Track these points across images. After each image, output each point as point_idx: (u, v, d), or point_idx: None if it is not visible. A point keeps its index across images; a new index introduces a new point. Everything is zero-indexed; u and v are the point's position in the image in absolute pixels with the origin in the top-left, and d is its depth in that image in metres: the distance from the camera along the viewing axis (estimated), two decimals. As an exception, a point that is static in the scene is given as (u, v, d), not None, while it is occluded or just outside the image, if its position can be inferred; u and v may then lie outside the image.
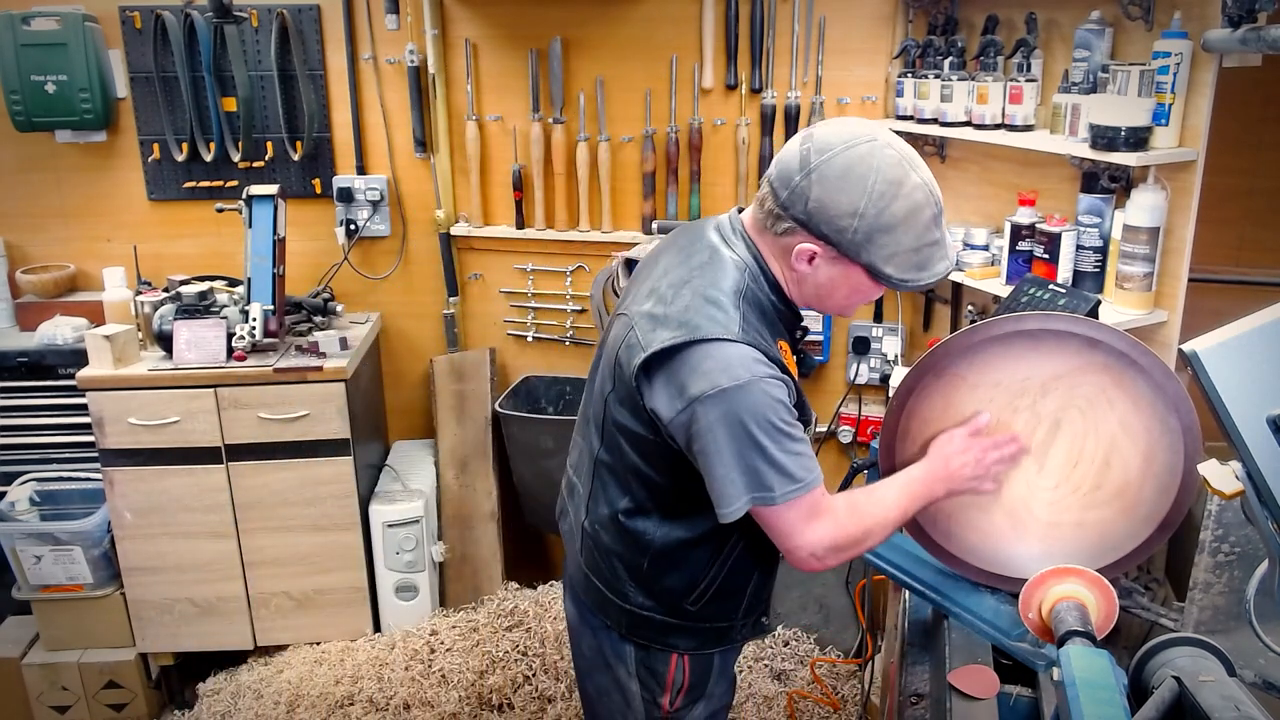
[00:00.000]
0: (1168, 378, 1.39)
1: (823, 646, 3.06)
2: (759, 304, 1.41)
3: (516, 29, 2.86)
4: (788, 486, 1.34)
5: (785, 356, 1.43)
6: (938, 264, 1.36)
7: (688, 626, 1.55)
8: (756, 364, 1.33)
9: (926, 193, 1.32)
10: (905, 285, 1.35)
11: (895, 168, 1.30)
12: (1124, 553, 1.47)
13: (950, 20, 2.51)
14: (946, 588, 1.58)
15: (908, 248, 1.32)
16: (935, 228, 1.34)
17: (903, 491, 1.45)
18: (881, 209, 1.29)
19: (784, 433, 1.34)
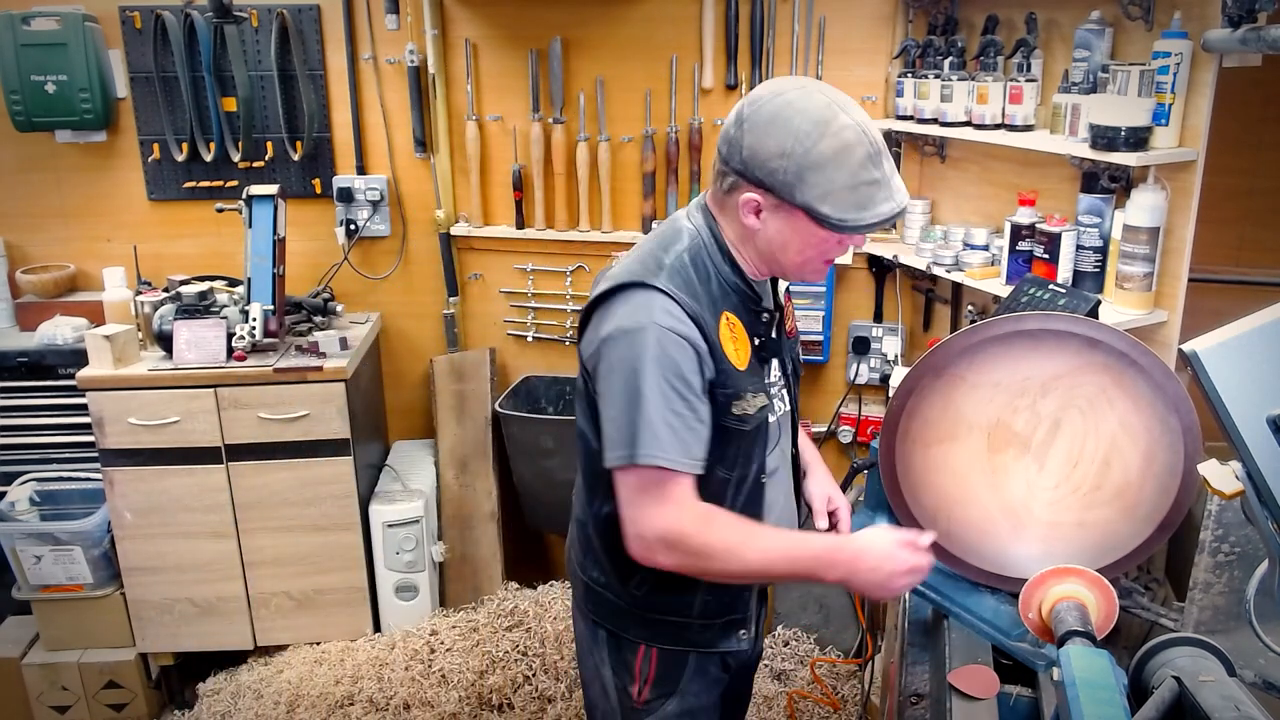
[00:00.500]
0: (1168, 378, 1.39)
1: (823, 646, 3.06)
2: (702, 269, 1.40)
3: (516, 29, 2.86)
4: (649, 449, 1.32)
5: (733, 331, 1.42)
6: (881, 204, 1.31)
7: (638, 614, 1.54)
8: (665, 314, 1.33)
9: (858, 132, 1.30)
10: (847, 225, 1.31)
11: (823, 109, 1.30)
12: (1124, 553, 1.47)
13: (950, 20, 2.51)
14: (946, 588, 1.58)
15: (842, 185, 1.29)
16: (873, 167, 1.30)
17: (782, 550, 1.38)
18: (809, 147, 1.29)
19: (668, 394, 1.33)
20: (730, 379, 1.41)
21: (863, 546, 1.38)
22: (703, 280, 1.40)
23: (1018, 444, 1.49)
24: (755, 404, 1.44)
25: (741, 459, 1.47)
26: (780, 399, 1.54)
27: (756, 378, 1.46)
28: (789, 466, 1.61)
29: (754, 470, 1.49)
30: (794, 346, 1.62)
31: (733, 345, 1.41)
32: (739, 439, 1.45)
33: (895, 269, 2.80)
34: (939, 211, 2.75)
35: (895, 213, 1.33)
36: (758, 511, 1.51)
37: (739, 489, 1.49)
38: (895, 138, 2.74)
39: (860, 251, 2.83)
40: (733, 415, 1.42)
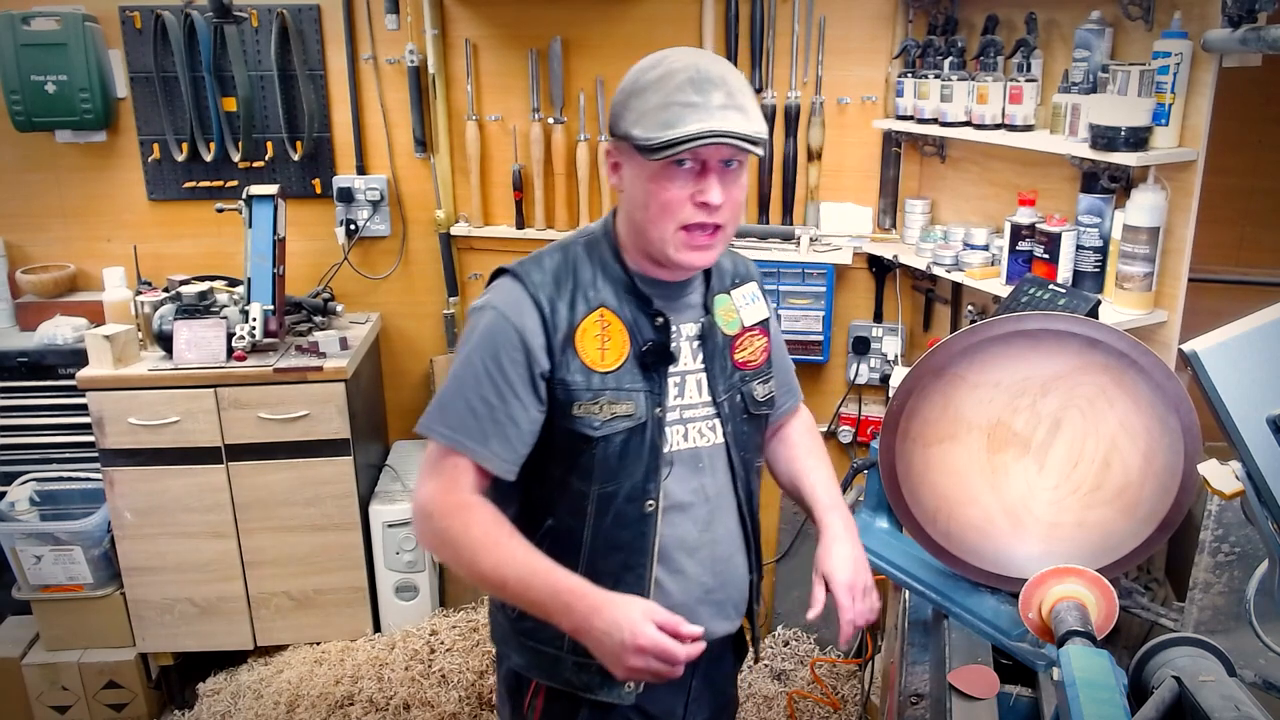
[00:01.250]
0: (1168, 378, 1.39)
1: (823, 646, 3.06)
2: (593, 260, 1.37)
3: (516, 29, 2.86)
4: (433, 420, 1.31)
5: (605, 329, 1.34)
6: (689, 124, 1.21)
7: (515, 638, 1.43)
8: (505, 299, 1.32)
9: (688, 63, 1.25)
10: (649, 144, 1.23)
11: (669, 50, 1.30)
12: (1124, 553, 1.47)
13: (950, 20, 2.51)
14: (946, 588, 1.58)
15: (654, 105, 1.24)
16: (693, 91, 1.23)
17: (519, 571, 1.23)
18: (637, 78, 1.28)
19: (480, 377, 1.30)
20: (578, 377, 1.32)
21: (604, 603, 1.19)
22: (580, 273, 1.36)
23: (1018, 444, 1.49)
24: (612, 410, 1.33)
25: (600, 471, 1.34)
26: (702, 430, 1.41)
27: (629, 385, 1.34)
28: (730, 510, 1.46)
29: (625, 489, 1.35)
30: (748, 381, 1.46)
31: (598, 343, 1.33)
32: (591, 446, 1.33)
33: (895, 269, 2.80)
34: (939, 211, 2.75)
35: (705, 133, 1.21)
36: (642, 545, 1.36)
37: (605, 508, 1.35)
38: (895, 138, 2.74)
39: (860, 251, 2.83)
40: (571, 416, 1.32)
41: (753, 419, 1.48)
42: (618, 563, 1.37)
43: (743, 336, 1.47)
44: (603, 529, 1.36)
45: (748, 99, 1.27)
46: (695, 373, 1.42)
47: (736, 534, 1.48)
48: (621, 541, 1.37)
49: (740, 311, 1.48)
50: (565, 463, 1.35)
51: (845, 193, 2.87)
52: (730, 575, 1.47)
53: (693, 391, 1.41)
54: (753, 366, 1.48)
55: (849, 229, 2.88)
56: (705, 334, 1.42)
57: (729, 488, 1.46)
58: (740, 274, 1.53)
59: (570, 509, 1.36)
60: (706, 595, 1.44)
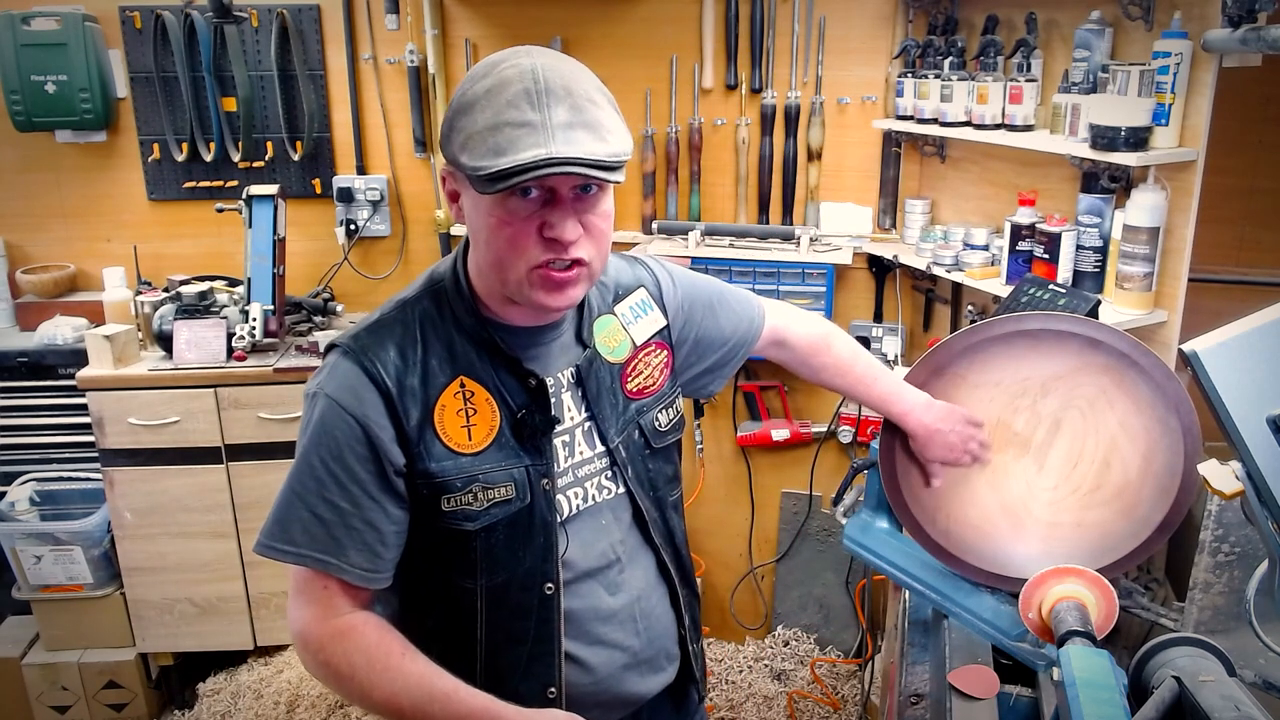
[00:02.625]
0: (1168, 378, 1.39)
1: (823, 646, 3.07)
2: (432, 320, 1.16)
3: (516, 29, 2.86)
4: (271, 537, 1.15)
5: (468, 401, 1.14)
6: (525, 150, 1.00)
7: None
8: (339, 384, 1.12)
9: (522, 71, 1.03)
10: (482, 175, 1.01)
11: (504, 54, 1.07)
12: (1124, 553, 1.47)
13: (950, 20, 2.51)
14: (946, 588, 1.58)
15: (483, 125, 1.02)
16: (528, 107, 1.01)
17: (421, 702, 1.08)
18: (465, 89, 1.06)
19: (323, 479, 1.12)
20: (443, 466, 1.13)
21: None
22: (429, 340, 1.15)
23: (1018, 444, 1.49)
24: (489, 498, 1.15)
25: (485, 565, 1.18)
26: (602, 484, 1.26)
27: (504, 462, 1.16)
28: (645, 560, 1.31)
29: (519, 577, 1.19)
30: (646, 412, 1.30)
31: (460, 420, 1.14)
32: (468, 540, 1.16)
33: (895, 269, 2.80)
34: (939, 211, 2.75)
35: (539, 161, 1.00)
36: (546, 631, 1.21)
37: (497, 601, 1.19)
38: (895, 138, 2.74)
39: (860, 251, 2.83)
40: (444, 512, 1.14)
41: (657, 452, 1.31)
42: (521, 655, 1.22)
43: (635, 359, 1.29)
44: (498, 624, 1.20)
45: (602, 111, 1.07)
46: (582, 424, 1.24)
47: (657, 583, 1.33)
48: (521, 633, 1.21)
49: (629, 330, 1.29)
50: (442, 560, 1.18)
51: (845, 193, 2.87)
52: (657, 628, 1.33)
53: (583, 446, 1.24)
54: (650, 392, 1.30)
55: (849, 229, 2.88)
56: (583, 375, 1.23)
57: (639, 538, 1.30)
58: (624, 285, 1.32)
59: (457, 608, 1.20)
60: (634, 659, 1.30)
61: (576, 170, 1.02)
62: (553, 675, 1.23)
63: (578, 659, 1.25)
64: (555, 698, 1.24)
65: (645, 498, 1.30)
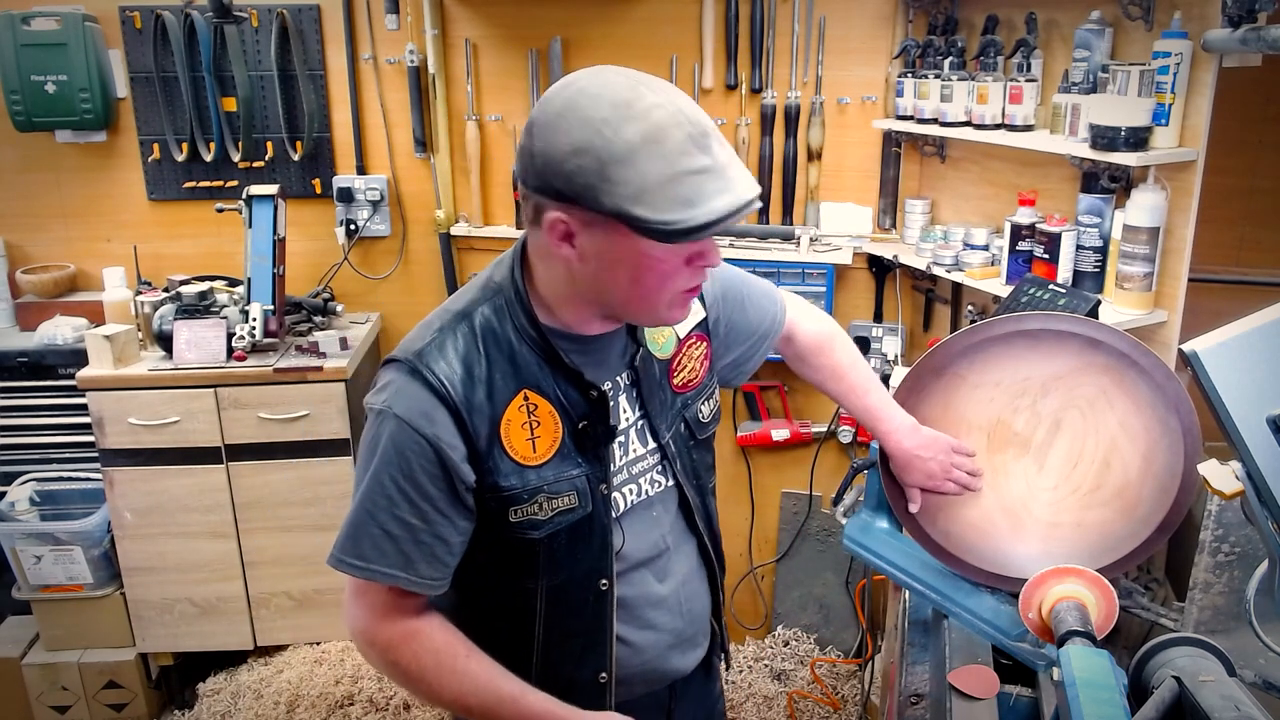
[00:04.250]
0: (1168, 379, 1.39)
1: (823, 646, 3.07)
2: (496, 335, 1.16)
3: (516, 29, 2.86)
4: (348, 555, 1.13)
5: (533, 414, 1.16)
6: (715, 197, 1.00)
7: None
8: (408, 401, 1.11)
9: (672, 111, 1.01)
10: (674, 229, 1.00)
11: (623, 90, 1.02)
12: (1124, 553, 1.47)
13: (950, 20, 2.51)
14: (946, 588, 1.58)
15: (659, 178, 0.99)
16: (698, 151, 1.01)
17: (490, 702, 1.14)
18: (610, 137, 1.00)
19: (394, 497, 1.11)
20: (511, 479, 1.15)
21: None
22: (493, 353, 1.15)
23: (1018, 444, 1.49)
24: (554, 506, 1.18)
25: (546, 567, 1.21)
26: (654, 479, 1.30)
27: (567, 471, 1.19)
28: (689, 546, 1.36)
29: (578, 575, 1.23)
30: (693, 402, 1.33)
31: (526, 434, 1.16)
32: (532, 547, 1.19)
33: (895, 269, 2.80)
34: (939, 211, 2.75)
35: (736, 209, 1.02)
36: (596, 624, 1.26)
37: (556, 599, 1.23)
38: (895, 138, 2.74)
39: (860, 251, 2.83)
40: (509, 524, 1.17)
41: (700, 443, 1.36)
42: (576, 647, 1.26)
43: (680, 354, 1.31)
44: (555, 620, 1.24)
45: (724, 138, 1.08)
46: (636, 423, 1.27)
47: (698, 566, 1.38)
48: (577, 629, 1.25)
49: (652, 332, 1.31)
50: (506, 564, 1.21)
51: (845, 193, 2.87)
52: (697, 609, 1.39)
53: (636, 444, 1.27)
54: (694, 386, 1.33)
55: (849, 229, 2.88)
56: (640, 376, 1.25)
57: (684, 526, 1.35)
58: None
59: (516, 607, 1.24)
60: (678, 639, 1.36)
61: (753, 209, 1.05)
62: (604, 661, 1.28)
63: (628, 642, 1.30)
64: (606, 681, 1.29)
65: (690, 487, 1.33)
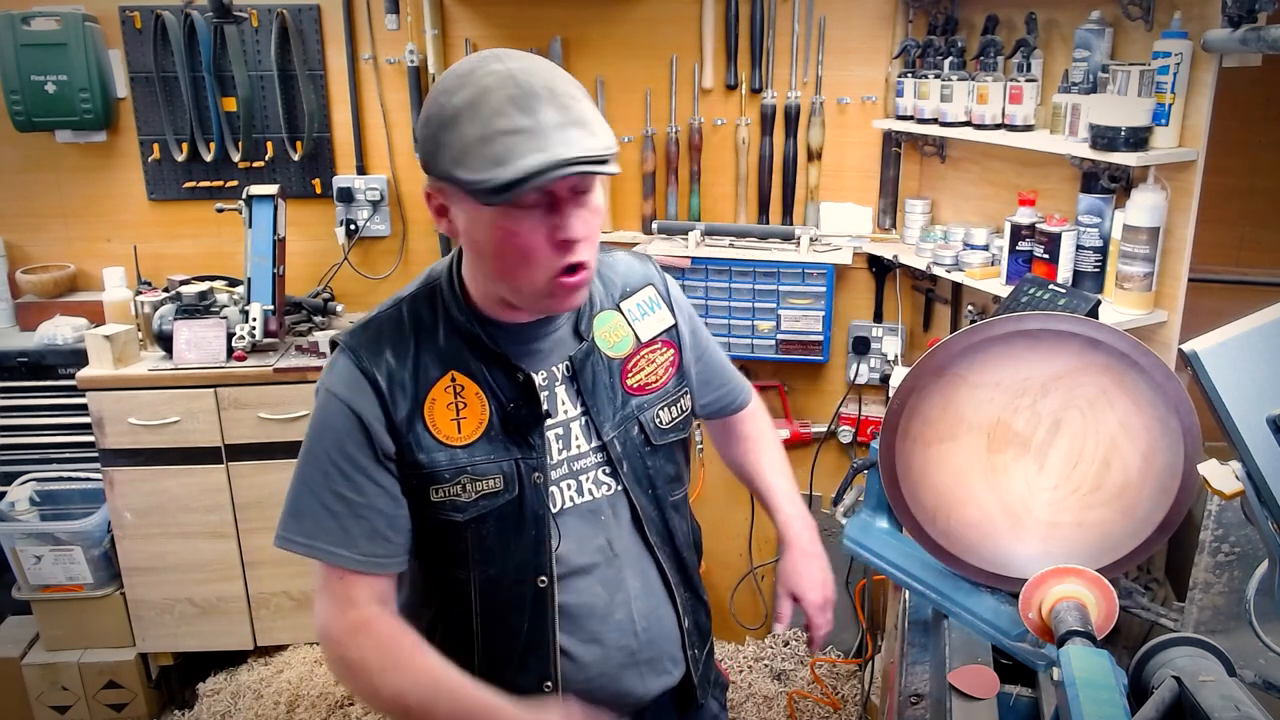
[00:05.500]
0: (1168, 379, 1.39)
1: (823, 646, 3.06)
2: (425, 317, 1.19)
3: (516, 29, 2.86)
4: (288, 530, 1.16)
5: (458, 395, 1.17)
6: (525, 156, 1.00)
7: None
8: (338, 378, 1.16)
9: (503, 77, 1.03)
10: (486, 188, 1.02)
11: (475, 61, 1.06)
12: (1124, 553, 1.47)
13: (950, 20, 2.51)
14: (946, 588, 1.58)
15: (474, 138, 1.02)
16: (517, 113, 1.01)
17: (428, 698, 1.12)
18: (443, 104, 1.05)
19: (329, 472, 1.14)
20: (433, 457, 1.16)
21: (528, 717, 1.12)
22: (421, 330, 1.18)
23: (1018, 444, 1.49)
24: (477, 489, 1.18)
25: (476, 556, 1.20)
26: (598, 480, 1.27)
27: (493, 455, 1.19)
28: (644, 560, 1.31)
29: (511, 569, 1.21)
30: (647, 409, 1.30)
31: (450, 414, 1.17)
32: (459, 531, 1.19)
33: (895, 269, 2.80)
34: (939, 211, 2.75)
35: (548, 165, 1.01)
36: (540, 625, 1.23)
37: (490, 593, 1.22)
38: (895, 138, 2.74)
39: (860, 251, 2.83)
40: (433, 503, 1.18)
41: (658, 449, 1.31)
42: (516, 646, 1.24)
43: (638, 355, 1.30)
44: (493, 616, 1.23)
45: (585, 106, 1.06)
46: (578, 417, 1.25)
47: (657, 584, 1.32)
48: (516, 626, 1.23)
49: (635, 326, 1.31)
50: (436, 551, 1.22)
51: (845, 193, 2.87)
52: (658, 630, 1.32)
53: (580, 440, 1.25)
54: (653, 389, 1.31)
55: (849, 229, 2.88)
56: (578, 369, 1.24)
57: (637, 537, 1.30)
58: (632, 283, 1.34)
59: (453, 599, 1.23)
60: (631, 659, 1.30)
61: (580, 170, 1.03)
62: (548, 669, 1.25)
63: (572, 654, 1.26)
64: (551, 691, 1.25)
65: (643, 495, 1.30)
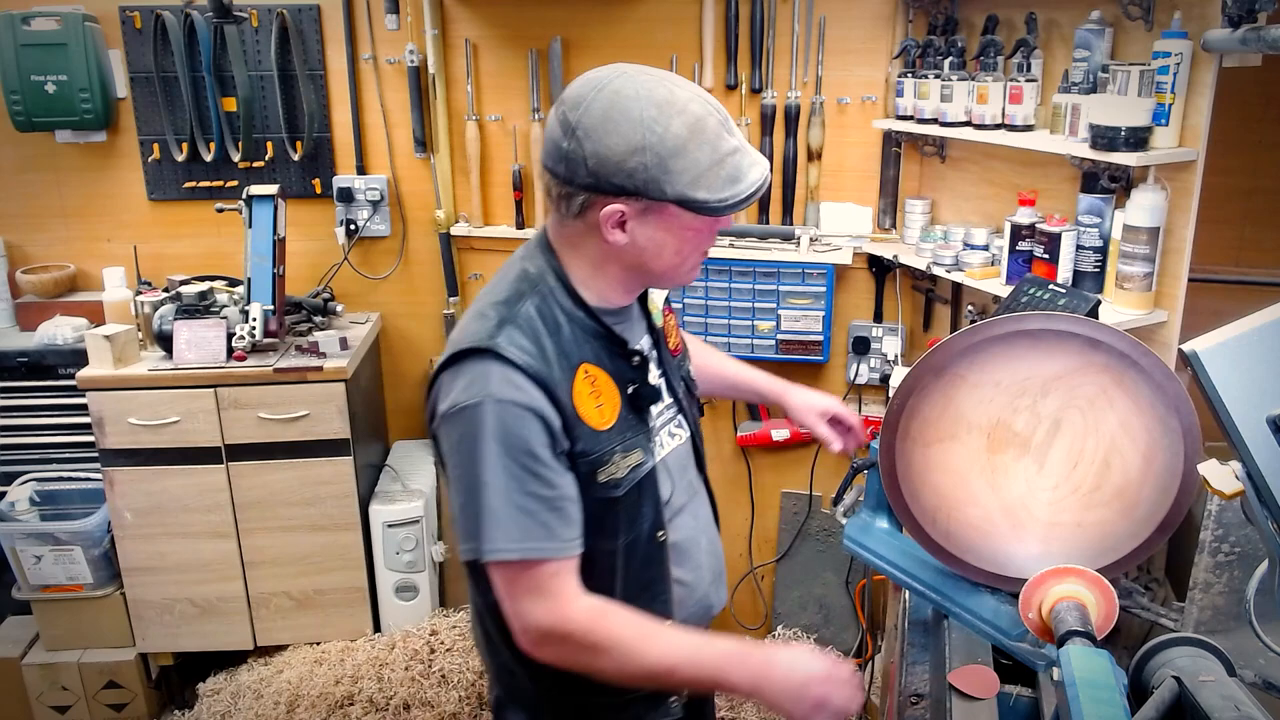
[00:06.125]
0: (1168, 378, 1.39)
1: (823, 646, 3.06)
2: (551, 320, 1.25)
3: (516, 29, 2.86)
4: (496, 543, 1.18)
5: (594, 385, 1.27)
6: (751, 171, 1.20)
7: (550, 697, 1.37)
8: (502, 383, 1.18)
9: (702, 102, 1.19)
10: (725, 205, 1.19)
11: (658, 87, 1.18)
12: (1124, 553, 1.47)
13: (950, 20, 2.51)
14: (946, 588, 1.58)
15: (708, 163, 1.17)
16: (728, 134, 1.19)
17: (687, 649, 1.24)
18: (662, 133, 1.16)
19: (517, 475, 1.18)
20: (592, 444, 1.25)
21: (776, 652, 1.24)
22: (552, 333, 1.25)
23: (1018, 444, 1.49)
24: (627, 464, 1.29)
25: (624, 524, 1.31)
26: (673, 431, 1.42)
27: (629, 432, 1.31)
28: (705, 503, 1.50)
29: (645, 530, 1.34)
30: (684, 363, 1.50)
31: (594, 403, 1.26)
32: (613, 507, 1.29)
33: (895, 269, 2.80)
34: (939, 211, 2.75)
35: (766, 177, 1.22)
36: (659, 571, 1.37)
37: (630, 556, 1.34)
38: (895, 138, 2.74)
39: (860, 251, 2.83)
40: (598, 484, 1.27)
41: (694, 400, 1.52)
42: (647, 599, 1.34)
43: (666, 322, 1.48)
44: (631, 576, 1.34)
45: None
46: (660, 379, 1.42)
47: (708, 511, 1.53)
48: (647, 579, 1.36)
49: (655, 297, 1.47)
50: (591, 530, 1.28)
51: (845, 193, 2.87)
52: (717, 548, 1.53)
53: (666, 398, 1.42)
54: (680, 349, 1.50)
55: (849, 229, 2.88)
56: (657, 338, 1.42)
57: (697, 474, 1.51)
58: None
59: (599, 571, 1.30)
60: (715, 576, 1.50)
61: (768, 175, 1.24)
62: (668, 607, 1.39)
63: (683, 582, 1.42)
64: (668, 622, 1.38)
65: (697, 437, 1.50)
